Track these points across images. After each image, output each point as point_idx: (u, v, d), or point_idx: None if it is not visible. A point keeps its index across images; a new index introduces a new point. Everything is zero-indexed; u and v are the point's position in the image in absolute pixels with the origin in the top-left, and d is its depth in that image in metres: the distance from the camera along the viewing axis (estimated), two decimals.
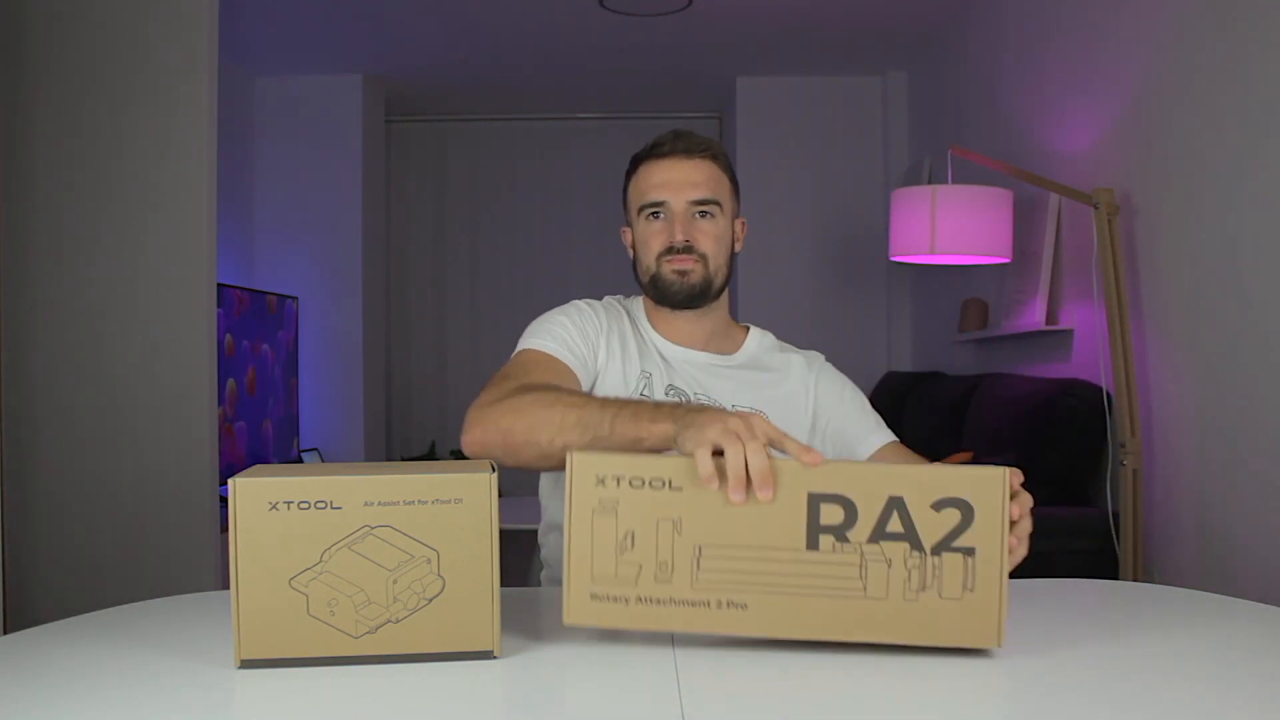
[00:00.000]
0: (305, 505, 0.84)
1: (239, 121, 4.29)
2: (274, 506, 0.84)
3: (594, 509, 0.87)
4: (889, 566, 0.85)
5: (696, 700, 0.78)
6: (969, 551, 0.85)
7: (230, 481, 0.85)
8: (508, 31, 3.91)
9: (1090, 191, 2.38)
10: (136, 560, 2.36)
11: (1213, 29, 2.13)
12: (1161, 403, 2.31)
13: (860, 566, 0.85)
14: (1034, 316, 2.78)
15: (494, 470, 0.86)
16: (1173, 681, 0.84)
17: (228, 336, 3.49)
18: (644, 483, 0.87)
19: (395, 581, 0.85)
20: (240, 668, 0.84)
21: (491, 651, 0.86)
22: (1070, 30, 2.81)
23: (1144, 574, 2.27)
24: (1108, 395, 2.38)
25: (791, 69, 4.44)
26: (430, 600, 0.85)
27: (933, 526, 0.85)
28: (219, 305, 2.67)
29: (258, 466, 0.89)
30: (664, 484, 0.87)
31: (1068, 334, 2.75)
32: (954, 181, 2.79)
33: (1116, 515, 2.31)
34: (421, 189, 5.26)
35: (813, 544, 0.86)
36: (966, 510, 0.85)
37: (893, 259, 2.90)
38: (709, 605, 0.87)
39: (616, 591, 0.88)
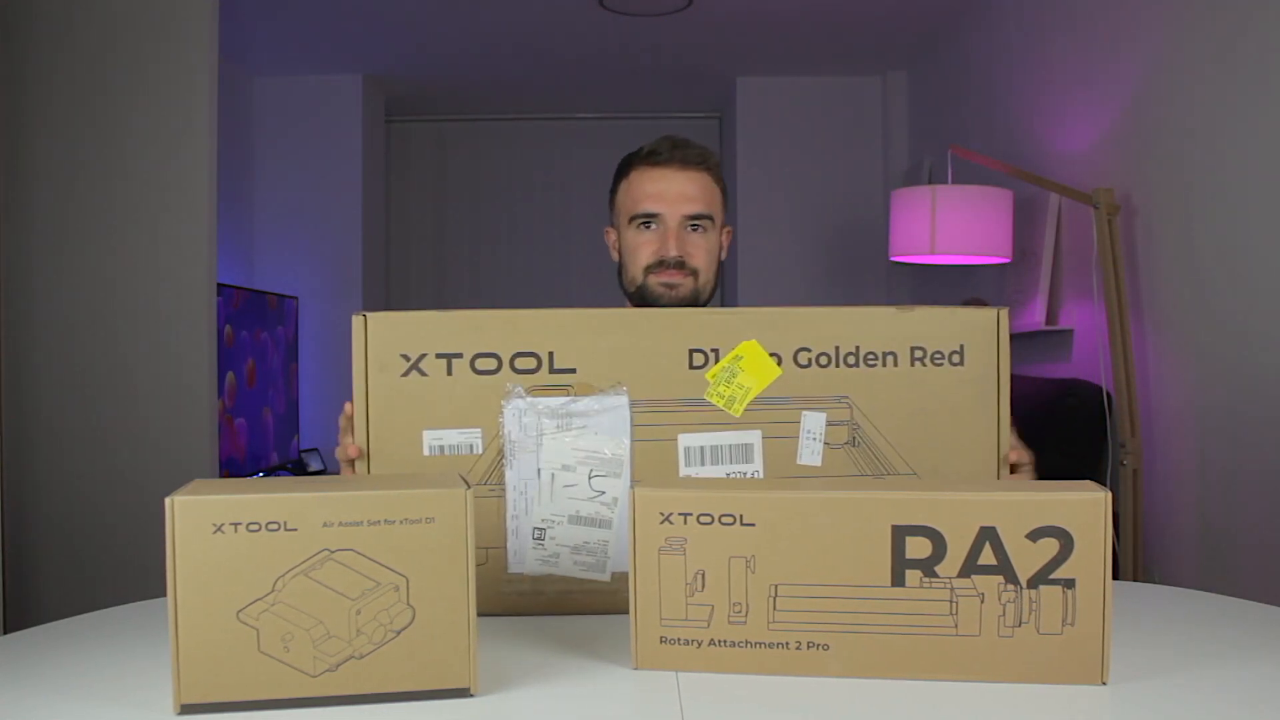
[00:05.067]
0: (255, 527, 0.75)
1: (239, 121, 4.29)
2: (219, 529, 0.75)
3: (660, 548, 0.83)
4: (982, 602, 0.80)
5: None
6: (1069, 584, 0.80)
7: (167, 500, 0.75)
8: (507, 31, 3.91)
9: (1090, 191, 2.38)
10: (136, 560, 2.36)
11: (1212, 29, 2.13)
12: (1161, 403, 2.31)
13: (950, 602, 0.81)
14: (1034, 316, 2.78)
15: (469, 486, 0.79)
16: (1172, 681, 0.84)
17: (227, 327, 3.48)
18: (713, 519, 0.83)
19: (359, 612, 0.76)
20: (180, 714, 0.75)
21: (468, 689, 0.78)
22: (1070, 30, 2.81)
23: (1144, 574, 2.27)
24: (1108, 395, 2.38)
25: (791, 69, 4.44)
26: (398, 632, 0.77)
27: (1029, 558, 0.80)
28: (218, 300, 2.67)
29: (198, 482, 0.80)
30: (735, 519, 0.83)
31: (1068, 334, 2.75)
32: (954, 181, 2.79)
33: (1116, 515, 2.30)
34: (421, 189, 5.26)
35: (898, 580, 0.81)
36: (1065, 539, 0.80)
37: (893, 259, 2.90)
38: (787, 647, 0.83)
39: (687, 635, 0.84)
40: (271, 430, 3.90)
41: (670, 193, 1.40)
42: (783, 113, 4.55)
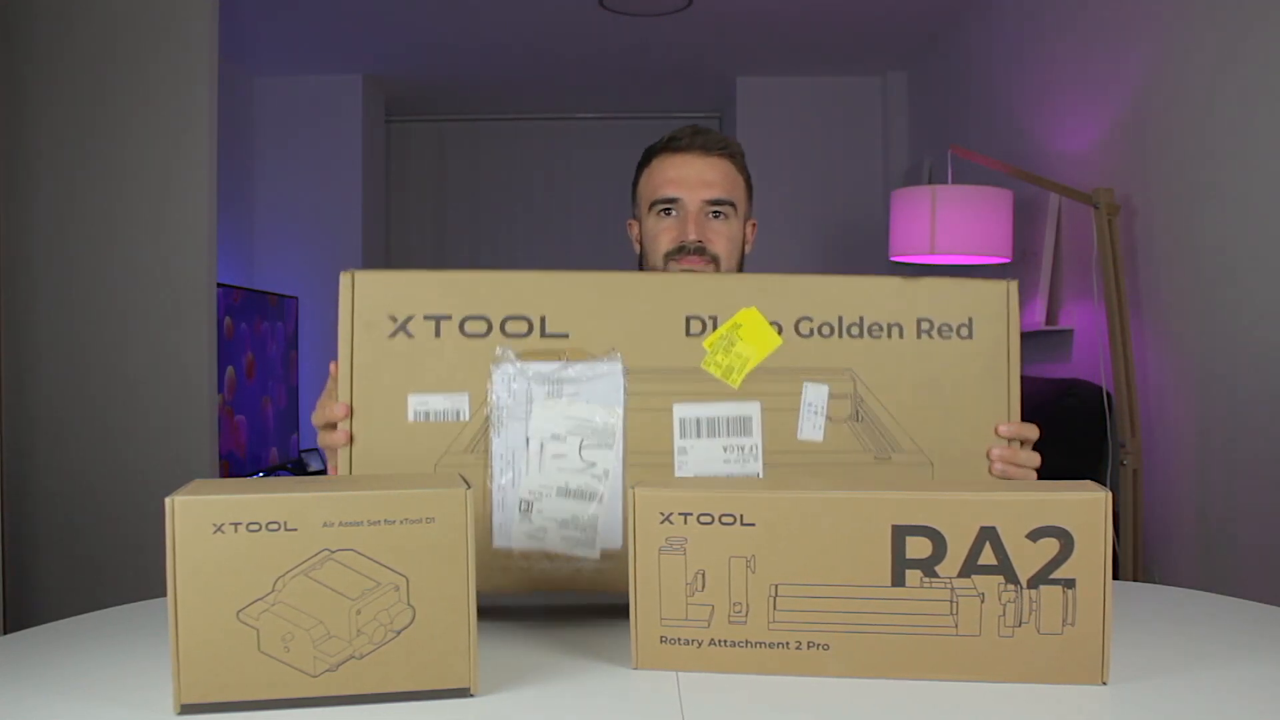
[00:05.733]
0: (255, 527, 0.75)
1: (239, 121, 4.29)
2: (219, 529, 0.75)
3: (660, 548, 0.83)
4: (982, 601, 0.80)
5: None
6: (1069, 584, 0.80)
7: (167, 500, 0.75)
8: (507, 31, 3.91)
9: (1090, 191, 2.38)
10: (137, 560, 2.36)
11: (1212, 29, 2.12)
12: (1161, 403, 2.31)
13: (951, 602, 0.80)
14: (1034, 316, 2.78)
15: (469, 486, 0.78)
16: (1172, 681, 0.84)
17: (226, 319, 3.46)
18: (713, 519, 0.83)
19: (359, 612, 0.76)
20: (180, 714, 0.75)
21: (468, 689, 0.78)
22: (1070, 30, 2.81)
23: (1144, 574, 2.27)
24: (1108, 395, 2.38)
25: (791, 69, 4.44)
26: (399, 632, 0.77)
27: (1029, 558, 0.80)
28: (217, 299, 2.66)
29: (198, 482, 0.81)
30: (735, 519, 0.82)
31: (1068, 334, 2.75)
32: (954, 181, 2.79)
33: (1116, 515, 2.30)
34: (421, 189, 5.26)
35: (898, 580, 0.81)
36: (1066, 539, 0.79)
37: (893, 259, 2.90)
38: (788, 647, 0.83)
39: (687, 634, 0.83)
40: (272, 423, 3.90)
41: (690, 178, 1.38)
42: (783, 113, 4.55)
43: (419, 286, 0.98)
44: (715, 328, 0.98)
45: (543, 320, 0.98)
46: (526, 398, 0.97)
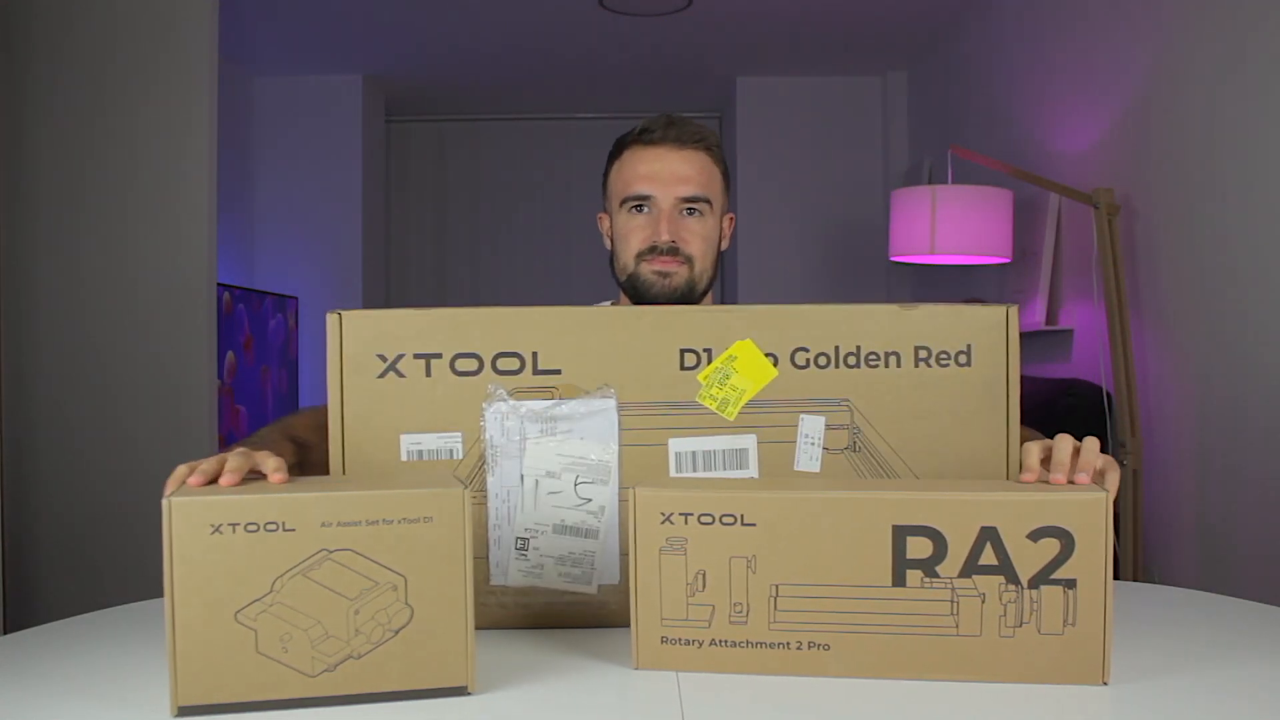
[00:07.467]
0: (253, 527, 0.75)
1: (239, 121, 4.29)
2: (216, 529, 0.75)
3: (661, 548, 0.83)
4: (983, 602, 0.80)
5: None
6: (1070, 584, 0.80)
7: (165, 501, 0.76)
8: (507, 31, 3.91)
9: (1090, 191, 2.38)
10: (136, 560, 2.36)
11: (1213, 29, 2.13)
12: (1161, 403, 2.31)
13: (951, 602, 0.81)
14: (1034, 316, 2.78)
15: (467, 486, 0.79)
16: (1172, 681, 0.84)
17: (226, 295, 3.43)
18: (714, 519, 0.83)
19: (357, 612, 0.76)
20: (177, 716, 0.75)
21: (465, 687, 0.78)
22: (1070, 30, 2.81)
23: (1144, 574, 2.27)
24: (1108, 395, 2.38)
25: (791, 69, 4.44)
26: (396, 632, 0.77)
27: (1030, 558, 0.80)
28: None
29: None
30: (735, 520, 0.83)
31: (1068, 334, 2.75)
32: (954, 181, 2.79)
33: (1116, 515, 2.30)
34: (421, 189, 5.26)
35: (899, 580, 0.81)
36: (1066, 539, 0.80)
37: (893, 259, 2.90)
38: (788, 647, 0.83)
39: (688, 635, 0.84)
40: (271, 410, 3.89)
41: (663, 173, 1.31)
42: (783, 113, 4.55)
43: (408, 325, 0.97)
44: (710, 360, 0.98)
45: (534, 356, 0.97)
46: (520, 435, 0.97)
